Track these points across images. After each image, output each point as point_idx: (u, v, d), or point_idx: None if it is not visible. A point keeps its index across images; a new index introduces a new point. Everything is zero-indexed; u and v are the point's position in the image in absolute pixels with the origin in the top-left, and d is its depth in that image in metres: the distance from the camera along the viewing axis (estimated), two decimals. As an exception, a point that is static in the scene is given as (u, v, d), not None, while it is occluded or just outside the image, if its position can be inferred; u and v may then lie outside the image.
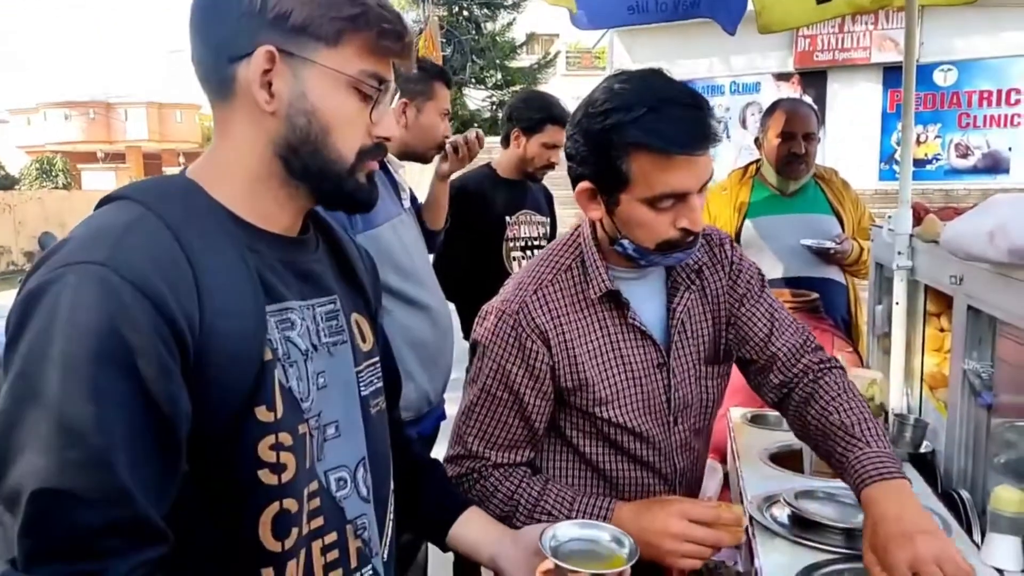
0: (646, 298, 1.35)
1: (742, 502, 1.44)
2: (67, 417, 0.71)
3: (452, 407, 2.50)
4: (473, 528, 1.15)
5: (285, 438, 0.85)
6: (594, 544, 1.06)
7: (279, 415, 0.84)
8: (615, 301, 1.31)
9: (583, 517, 1.21)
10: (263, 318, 0.84)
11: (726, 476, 1.85)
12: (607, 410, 1.31)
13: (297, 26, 0.85)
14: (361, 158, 0.91)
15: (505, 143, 2.89)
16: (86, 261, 0.75)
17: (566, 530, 1.06)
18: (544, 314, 1.29)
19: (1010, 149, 9.27)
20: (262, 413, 0.83)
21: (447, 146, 2.38)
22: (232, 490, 0.83)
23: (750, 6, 2.73)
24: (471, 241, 2.80)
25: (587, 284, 1.31)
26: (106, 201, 0.86)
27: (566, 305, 1.31)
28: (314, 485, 0.89)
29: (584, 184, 1.25)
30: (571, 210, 3.50)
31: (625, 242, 1.25)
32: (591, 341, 1.31)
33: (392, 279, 1.94)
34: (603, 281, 1.30)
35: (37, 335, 0.73)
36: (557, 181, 2.83)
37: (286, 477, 0.85)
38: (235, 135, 0.89)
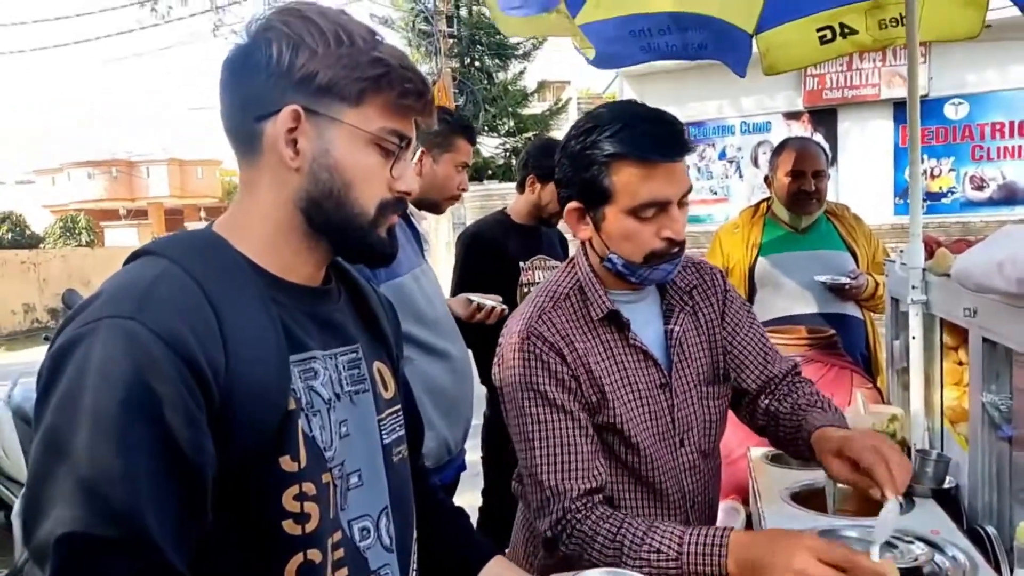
0: (644, 321, 1.39)
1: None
2: (95, 468, 0.73)
3: (473, 454, 2.50)
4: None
5: (309, 488, 0.86)
6: None
7: (303, 464, 0.86)
8: (616, 322, 1.35)
9: (696, 550, 1.15)
10: (287, 368, 0.86)
11: (748, 518, 1.83)
12: (624, 427, 1.32)
13: (322, 87, 0.89)
14: (382, 212, 0.94)
15: (520, 189, 2.93)
16: (115, 316, 0.78)
17: None
18: (553, 333, 1.33)
19: (1026, 180, 9.22)
20: (286, 463, 0.84)
21: (474, 302, 2.41)
22: (256, 540, 0.83)
23: (755, 48, 2.77)
24: (485, 287, 2.82)
25: (587, 308, 1.35)
26: (134, 257, 0.89)
27: (571, 329, 1.34)
28: (338, 535, 0.90)
29: (572, 204, 1.33)
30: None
31: (614, 257, 1.31)
32: (600, 361, 1.34)
33: (413, 328, 1.96)
34: (603, 303, 1.34)
35: (68, 388, 0.76)
36: None
37: (310, 527, 0.86)
38: (260, 190, 0.92)
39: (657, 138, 1.26)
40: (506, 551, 1.59)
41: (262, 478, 0.83)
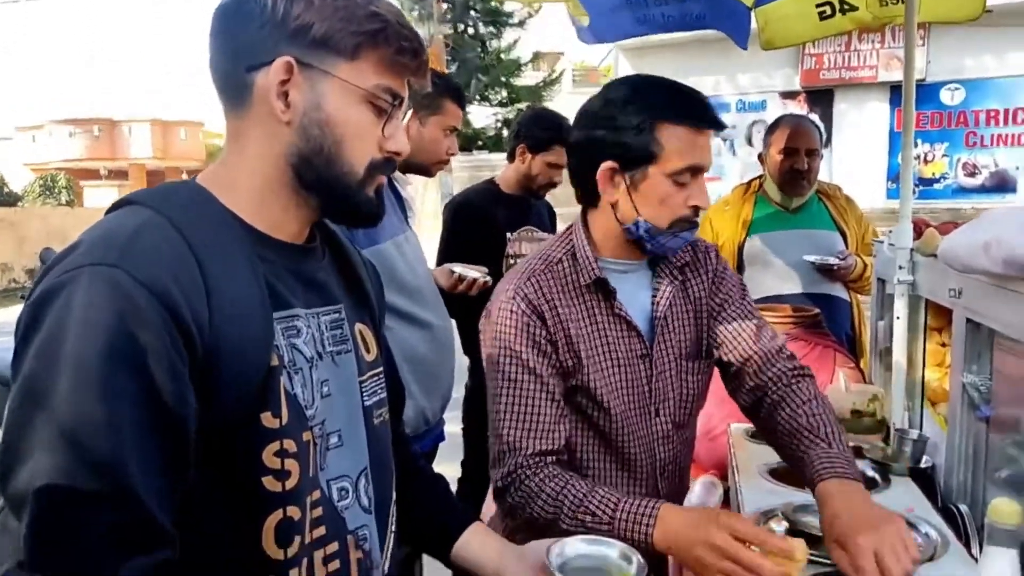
0: (632, 292, 1.41)
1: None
2: (77, 416, 0.72)
3: (452, 426, 2.50)
4: (477, 544, 1.15)
5: (290, 445, 0.85)
6: (602, 561, 1.04)
7: (284, 421, 0.85)
8: (603, 290, 1.38)
9: (627, 517, 1.20)
10: (271, 324, 0.85)
11: (727, 492, 1.84)
12: (598, 392, 1.35)
13: (317, 39, 0.86)
14: (371, 171, 0.92)
15: (511, 159, 2.90)
16: (98, 263, 0.76)
17: (573, 546, 1.05)
18: (537, 295, 1.35)
19: (1017, 168, 9.26)
20: (267, 419, 0.84)
21: (456, 272, 2.37)
22: (236, 496, 0.83)
23: (754, 23, 2.75)
24: (471, 256, 2.80)
25: (577, 274, 1.38)
26: (115, 207, 0.87)
27: (557, 292, 1.37)
28: (316, 494, 0.90)
29: (608, 164, 1.32)
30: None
31: (640, 221, 1.33)
32: (582, 327, 1.37)
33: (393, 296, 1.93)
34: (592, 269, 1.37)
35: (48, 336, 0.74)
36: (560, 199, 2.83)
37: (290, 484, 0.85)
38: (248, 143, 0.90)
39: (705, 107, 1.32)
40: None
41: (243, 434, 0.82)
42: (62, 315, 0.74)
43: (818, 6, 2.60)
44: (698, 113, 1.30)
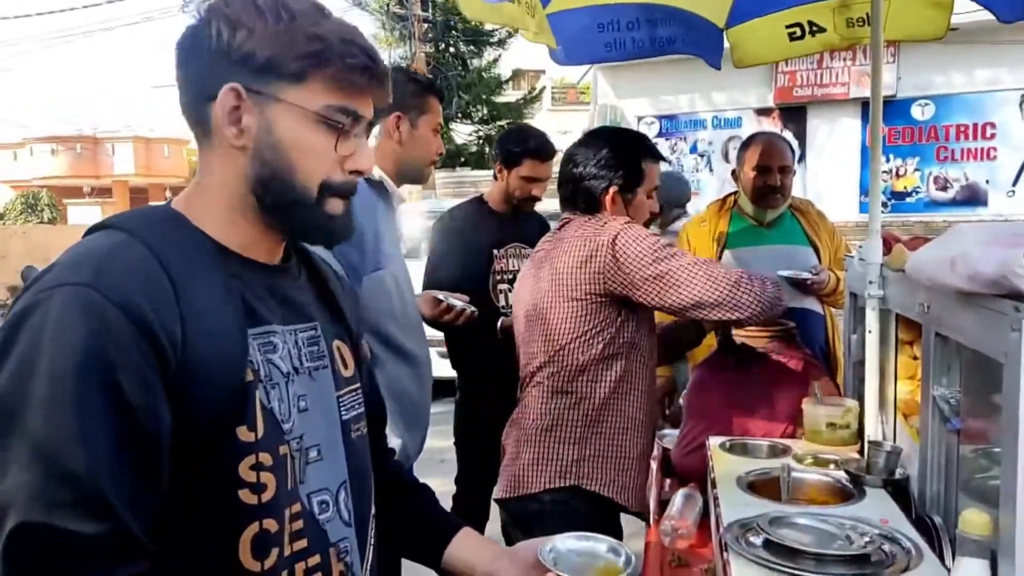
0: None
1: (718, 529, 1.44)
2: (50, 432, 0.73)
3: (442, 441, 2.46)
4: (468, 548, 1.17)
5: (265, 458, 0.87)
6: (592, 557, 1.08)
7: (259, 435, 0.87)
8: None
9: None
10: (244, 339, 0.87)
11: (706, 504, 1.86)
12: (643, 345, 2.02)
13: (261, 65, 0.88)
14: (324, 191, 0.93)
15: (495, 176, 2.93)
16: (70, 283, 0.78)
17: (564, 543, 1.09)
18: None
19: (987, 182, 9.43)
20: (243, 433, 0.85)
21: (444, 302, 2.36)
22: (212, 509, 0.84)
23: (726, 42, 2.79)
24: (456, 272, 2.81)
25: None
26: (93, 231, 0.90)
27: None
28: (296, 507, 0.91)
29: (613, 189, 2.01)
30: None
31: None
32: None
33: (386, 326, 1.91)
34: None
35: (23, 353, 0.76)
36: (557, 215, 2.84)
37: (266, 497, 0.87)
38: (214, 171, 0.93)
39: (656, 148, 2.15)
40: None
41: (219, 447, 0.84)
42: (35, 334, 0.76)
43: (788, 27, 2.66)
44: (657, 152, 2.11)
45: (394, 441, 1.77)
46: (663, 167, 2.20)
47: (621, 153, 2.02)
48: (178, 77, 0.93)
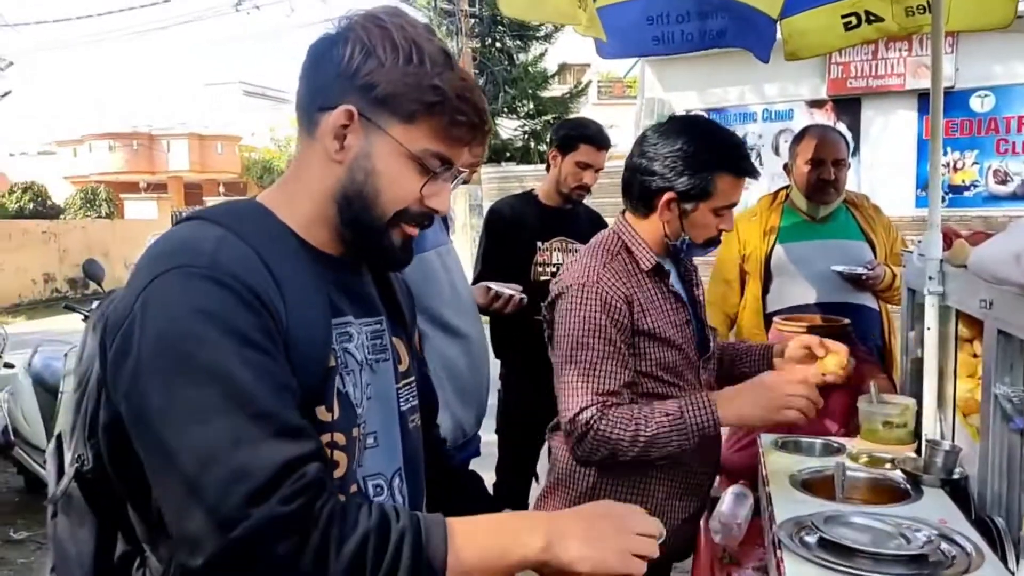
0: (672, 277, 1.84)
1: (771, 528, 1.43)
2: (227, 385, 0.81)
3: (488, 435, 2.52)
4: None
5: (339, 438, 0.95)
6: None
7: (336, 416, 0.94)
8: (660, 273, 1.80)
9: (692, 410, 1.64)
10: (330, 329, 0.95)
11: (757, 501, 1.84)
12: (668, 353, 1.75)
13: (379, 98, 0.95)
14: (399, 217, 1.00)
15: (548, 168, 2.95)
16: (188, 265, 0.85)
17: None
18: (619, 283, 1.72)
19: (1050, 175, 9.09)
20: (321, 413, 0.93)
21: (493, 290, 2.49)
22: None
23: (779, 34, 2.75)
24: (502, 262, 2.85)
25: (635, 262, 1.78)
26: (182, 221, 0.96)
27: (627, 278, 1.75)
28: (354, 488, 0.98)
29: (669, 195, 1.73)
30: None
31: (686, 238, 1.78)
32: (646, 301, 1.75)
33: (434, 305, 1.96)
34: (650, 258, 1.78)
35: (156, 324, 0.83)
36: (607, 208, 2.83)
37: (337, 474, 0.94)
38: (309, 169, 1.00)
39: (749, 160, 1.77)
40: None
41: None
42: (166, 303, 0.84)
43: (843, 16, 2.60)
44: (745, 166, 1.74)
45: (444, 416, 1.80)
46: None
47: (694, 157, 1.68)
48: (302, 77, 1.00)
